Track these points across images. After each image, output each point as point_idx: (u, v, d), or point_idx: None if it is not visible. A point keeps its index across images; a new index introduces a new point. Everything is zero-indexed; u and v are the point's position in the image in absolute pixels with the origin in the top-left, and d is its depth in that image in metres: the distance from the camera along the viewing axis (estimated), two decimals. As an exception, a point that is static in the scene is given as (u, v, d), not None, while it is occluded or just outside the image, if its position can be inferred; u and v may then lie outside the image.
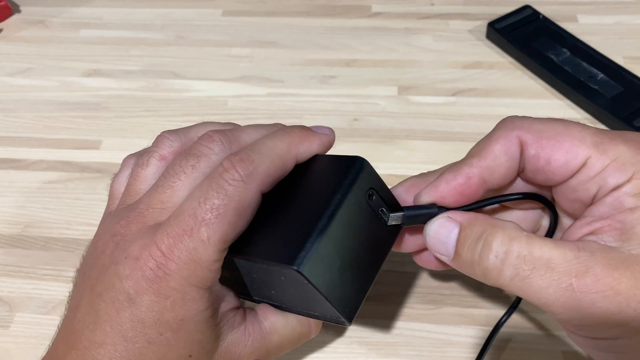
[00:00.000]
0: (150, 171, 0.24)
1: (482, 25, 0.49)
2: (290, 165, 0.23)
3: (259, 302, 0.26)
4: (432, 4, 0.52)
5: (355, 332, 0.31)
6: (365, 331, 0.31)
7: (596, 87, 0.42)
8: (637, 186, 0.20)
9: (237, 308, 0.24)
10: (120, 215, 0.23)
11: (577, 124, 0.22)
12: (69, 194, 0.38)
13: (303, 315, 0.25)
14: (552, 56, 0.45)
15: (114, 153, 0.41)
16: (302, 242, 0.21)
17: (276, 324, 0.25)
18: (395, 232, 0.24)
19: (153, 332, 0.21)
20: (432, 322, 0.31)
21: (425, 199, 0.23)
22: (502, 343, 0.30)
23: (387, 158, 0.39)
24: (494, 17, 0.48)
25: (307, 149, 0.24)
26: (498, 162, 0.22)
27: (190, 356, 0.22)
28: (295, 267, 0.20)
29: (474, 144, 0.41)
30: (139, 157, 0.25)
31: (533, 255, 0.19)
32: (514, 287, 0.20)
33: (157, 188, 0.23)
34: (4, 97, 0.46)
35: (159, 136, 0.26)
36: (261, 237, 0.22)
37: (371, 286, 0.23)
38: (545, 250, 0.19)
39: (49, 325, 0.32)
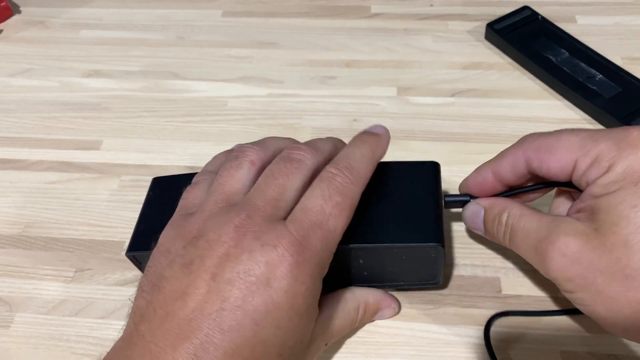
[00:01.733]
0: (244, 173, 0.26)
1: (481, 26, 0.49)
2: (375, 167, 0.28)
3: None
4: (432, 5, 0.52)
5: (354, 331, 0.31)
6: (364, 331, 0.31)
7: (595, 87, 0.42)
8: (608, 177, 0.25)
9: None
10: (234, 210, 0.24)
11: (570, 131, 0.27)
12: (69, 194, 0.38)
13: (386, 287, 0.31)
14: (551, 57, 0.45)
15: (114, 153, 0.41)
16: (433, 226, 0.27)
17: (337, 312, 0.28)
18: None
19: (284, 317, 0.22)
20: (431, 322, 0.31)
21: (461, 189, 0.32)
22: (501, 343, 0.30)
23: (386, 158, 0.39)
24: (492, 18, 0.48)
25: (382, 150, 0.29)
26: (505, 170, 0.29)
27: (301, 342, 0.24)
28: (440, 244, 0.27)
29: (473, 144, 0.42)
30: (230, 161, 0.27)
31: (519, 227, 0.27)
32: (512, 248, 0.28)
33: (269, 186, 0.25)
34: (5, 97, 0.46)
35: (242, 146, 0.28)
36: (379, 228, 0.28)
37: None
38: (528, 223, 0.27)
39: (49, 325, 0.32)
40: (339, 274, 0.30)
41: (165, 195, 0.30)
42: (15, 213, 0.38)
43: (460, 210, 0.33)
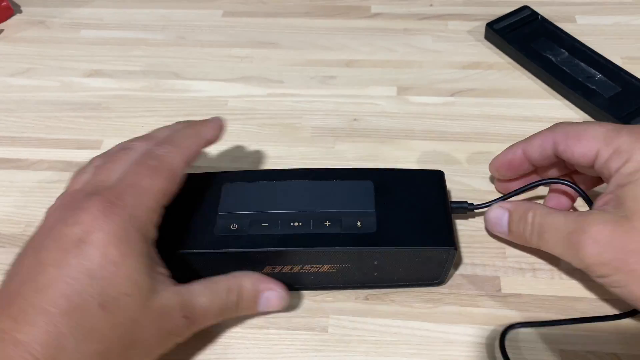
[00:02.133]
0: (89, 175, 0.28)
1: (481, 25, 0.49)
2: (202, 143, 0.30)
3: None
4: (431, 5, 0.53)
5: (354, 330, 0.31)
6: (364, 330, 0.31)
7: (594, 87, 0.42)
8: (628, 167, 0.27)
9: (171, 278, 0.27)
10: (64, 194, 0.27)
11: (599, 123, 0.30)
12: (70, 194, 0.39)
13: (392, 287, 0.32)
14: (551, 56, 0.45)
15: (115, 153, 0.41)
16: (446, 230, 0.30)
17: (203, 289, 0.28)
18: None
19: (96, 267, 0.23)
20: (431, 320, 0.31)
21: (491, 167, 0.35)
22: (498, 342, 0.30)
23: (386, 158, 0.40)
24: (492, 18, 0.49)
25: (209, 130, 0.31)
26: (533, 150, 0.32)
27: (128, 295, 0.24)
28: (454, 248, 0.29)
29: (473, 143, 0.42)
30: (83, 167, 0.30)
31: (547, 223, 0.29)
32: (540, 245, 0.30)
33: (98, 171, 0.28)
34: (5, 97, 0.46)
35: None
36: (396, 232, 0.29)
37: None
38: (556, 219, 0.29)
39: (50, 324, 0.32)
40: (350, 273, 0.31)
41: None
42: (16, 212, 0.38)
43: (458, 214, 0.35)
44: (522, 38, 0.47)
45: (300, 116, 0.43)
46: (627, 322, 0.30)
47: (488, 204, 0.34)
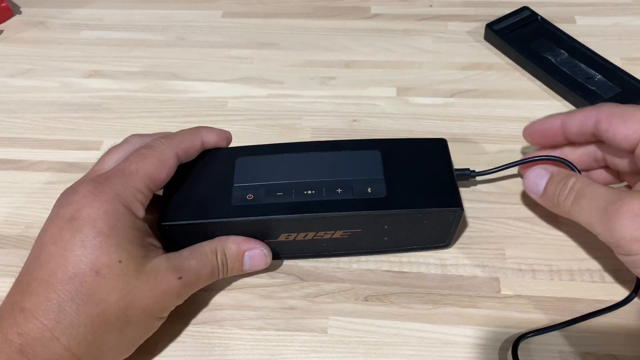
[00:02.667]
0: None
1: (481, 26, 0.49)
2: (197, 141, 0.32)
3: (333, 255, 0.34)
4: (431, 6, 0.53)
5: (353, 332, 0.31)
6: (363, 331, 0.31)
7: (594, 88, 0.42)
8: None
9: (162, 249, 0.30)
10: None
11: None
12: (69, 195, 0.39)
13: (400, 251, 0.34)
14: (550, 57, 0.45)
15: (115, 154, 0.41)
16: (452, 192, 0.31)
17: (192, 252, 0.30)
18: None
19: (87, 238, 0.26)
20: (430, 322, 0.31)
21: (524, 132, 0.35)
22: (497, 343, 0.30)
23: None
24: (492, 19, 0.49)
25: (209, 133, 0.33)
26: (573, 123, 0.32)
27: (120, 262, 0.26)
28: (461, 208, 0.30)
29: (472, 144, 0.42)
30: None
31: (587, 190, 0.29)
32: (572, 211, 0.30)
33: (96, 163, 0.31)
34: (5, 98, 0.46)
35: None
36: (405, 196, 0.30)
37: None
38: (598, 189, 0.28)
39: (50, 325, 0.32)
40: (361, 239, 0.32)
41: (183, 167, 0.32)
42: (15, 213, 0.38)
43: (462, 181, 0.36)
44: (521, 39, 0.47)
45: (300, 117, 0.43)
46: (625, 322, 0.30)
47: (491, 171, 0.35)
